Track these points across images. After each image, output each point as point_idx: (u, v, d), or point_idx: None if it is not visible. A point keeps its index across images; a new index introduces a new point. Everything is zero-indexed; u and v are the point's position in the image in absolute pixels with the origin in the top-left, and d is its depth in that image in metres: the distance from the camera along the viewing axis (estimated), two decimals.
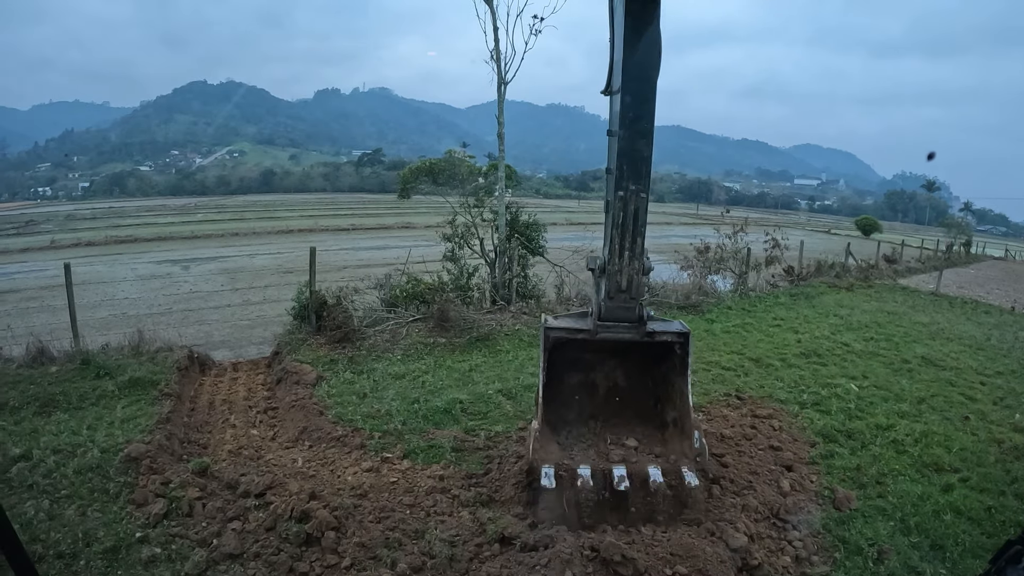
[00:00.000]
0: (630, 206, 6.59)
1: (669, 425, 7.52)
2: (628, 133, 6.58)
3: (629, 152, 6.61)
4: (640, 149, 6.60)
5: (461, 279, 15.49)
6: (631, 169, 6.61)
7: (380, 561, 5.69)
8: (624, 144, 6.60)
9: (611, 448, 7.39)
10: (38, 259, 37.38)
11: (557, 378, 7.52)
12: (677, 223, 67.60)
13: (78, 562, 5.74)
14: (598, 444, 7.50)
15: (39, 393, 10.00)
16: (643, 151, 6.61)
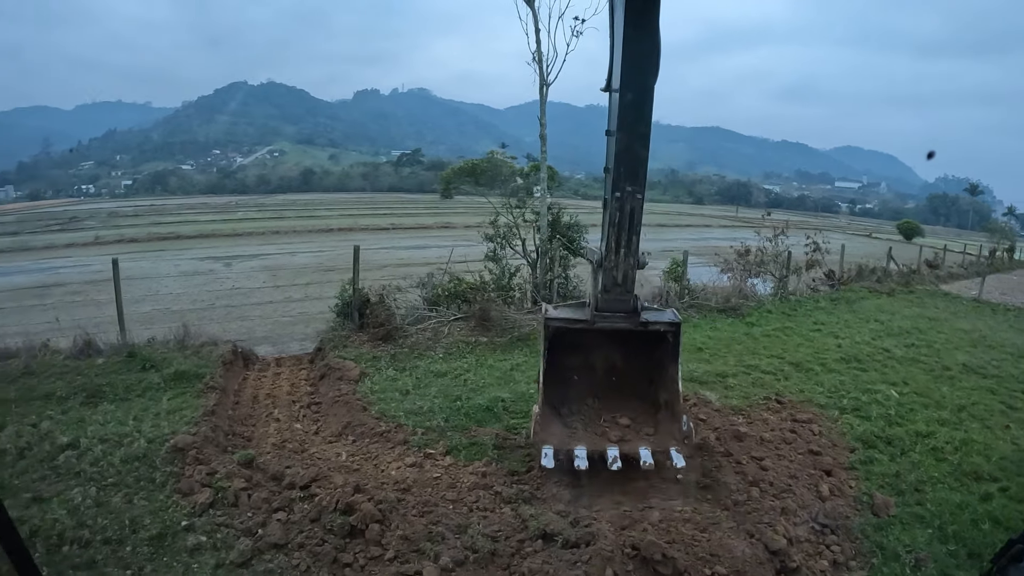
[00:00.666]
0: (626, 206, 7.05)
1: (661, 406, 8.08)
2: (625, 136, 6.94)
3: (626, 155, 6.99)
4: (637, 152, 6.97)
5: (503, 279, 15.58)
6: (628, 171, 7.00)
7: (423, 554, 5.78)
8: (621, 147, 6.99)
9: (606, 427, 7.99)
10: (82, 255, 38.09)
11: (557, 363, 7.92)
12: (716, 225, 67.26)
13: (124, 548, 5.90)
14: (595, 421, 8.08)
15: (86, 384, 10.26)
16: (640, 154, 6.98)
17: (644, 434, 7.87)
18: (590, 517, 6.38)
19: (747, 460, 7.91)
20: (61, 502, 6.60)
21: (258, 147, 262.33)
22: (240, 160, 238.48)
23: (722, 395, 10.34)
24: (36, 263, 34.84)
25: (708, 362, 12.14)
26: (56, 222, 70.27)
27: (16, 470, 7.35)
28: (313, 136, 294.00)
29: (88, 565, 5.63)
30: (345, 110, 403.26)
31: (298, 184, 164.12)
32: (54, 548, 5.82)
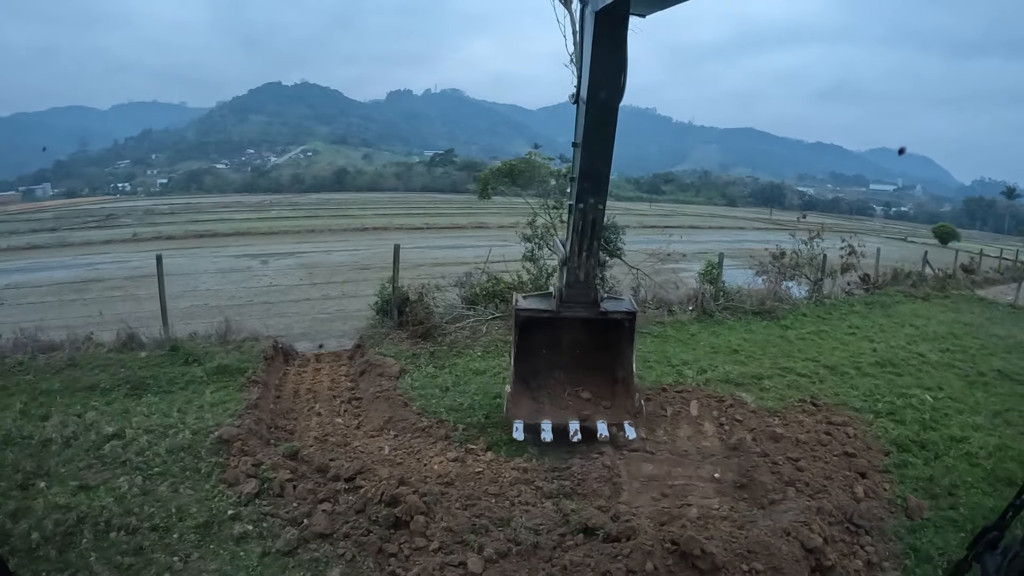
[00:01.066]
0: (589, 216, 7.98)
1: (618, 382, 9.09)
2: (589, 153, 7.71)
3: (590, 170, 7.80)
4: (600, 168, 7.80)
5: (540, 279, 15.69)
6: (591, 185, 7.87)
7: (467, 545, 5.94)
8: (585, 163, 7.76)
9: (570, 400, 9.08)
10: (120, 251, 38.75)
11: (527, 347, 8.90)
12: (750, 228, 66.90)
13: (171, 535, 6.11)
14: (560, 394, 9.17)
15: (129, 376, 10.56)
16: (602, 169, 7.82)
17: (602, 407, 8.95)
18: (630, 512, 6.51)
19: (783, 460, 7.98)
20: (108, 490, 6.85)
21: (292, 147, 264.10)
22: (274, 159, 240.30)
23: (757, 396, 10.39)
24: (75, 259, 35.48)
25: (743, 364, 12.19)
26: (93, 219, 71.30)
27: (62, 458, 7.60)
28: (346, 136, 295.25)
29: (135, 551, 5.84)
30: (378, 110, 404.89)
31: (331, 183, 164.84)
32: (102, 534, 6.03)
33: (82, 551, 5.80)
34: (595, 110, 7.41)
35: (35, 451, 7.79)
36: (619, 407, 8.86)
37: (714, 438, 8.89)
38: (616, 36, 6.93)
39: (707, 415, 9.54)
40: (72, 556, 5.73)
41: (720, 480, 7.66)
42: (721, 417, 9.47)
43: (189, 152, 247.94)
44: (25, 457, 7.58)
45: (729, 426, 9.17)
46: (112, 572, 5.54)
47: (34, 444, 7.95)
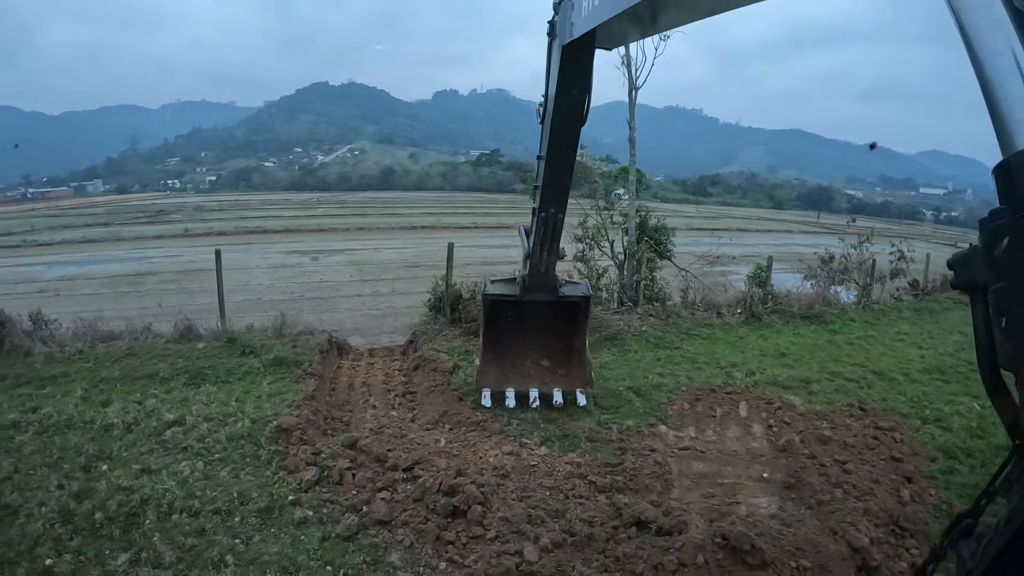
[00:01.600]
0: (550, 223, 8.90)
1: (573, 352, 10.33)
2: (551, 169, 8.42)
3: (552, 182, 8.54)
4: (562, 182, 8.59)
5: (591, 279, 15.81)
6: (552, 196, 8.67)
7: (523, 535, 6.14)
8: (548, 176, 8.49)
9: (532, 369, 10.46)
10: (172, 246, 39.60)
11: (495, 324, 10.34)
12: (797, 231, 66.05)
13: (233, 518, 6.41)
14: (523, 363, 10.54)
15: (188, 366, 10.99)
16: (564, 182, 8.62)
17: (559, 375, 10.31)
18: (681, 508, 6.71)
19: (831, 463, 8.10)
20: (170, 474, 7.21)
21: (339, 145, 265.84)
22: (321, 158, 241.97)
23: (806, 400, 10.46)
24: (128, 252, 36.42)
25: (791, 367, 12.24)
26: (144, 215, 72.81)
27: (124, 443, 8.01)
28: (393, 135, 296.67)
29: (198, 533, 6.14)
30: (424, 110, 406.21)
31: (378, 182, 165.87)
32: (164, 516, 6.37)
33: (145, 531, 6.12)
34: (558, 133, 8.08)
35: (97, 435, 8.21)
36: (574, 376, 10.20)
37: (763, 439, 9.02)
38: (581, 68, 7.45)
39: (756, 416, 9.68)
40: (135, 536, 6.05)
41: (768, 480, 7.80)
42: (770, 419, 9.60)
43: (237, 150, 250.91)
44: (87, 441, 8.00)
45: (777, 428, 9.30)
46: (175, 552, 5.81)
47: (96, 428, 8.37)
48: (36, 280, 26.06)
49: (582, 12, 6.22)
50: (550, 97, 7.95)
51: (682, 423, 9.43)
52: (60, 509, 6.39)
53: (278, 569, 5.68)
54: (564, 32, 7.09)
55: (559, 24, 7.36)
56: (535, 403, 9.71)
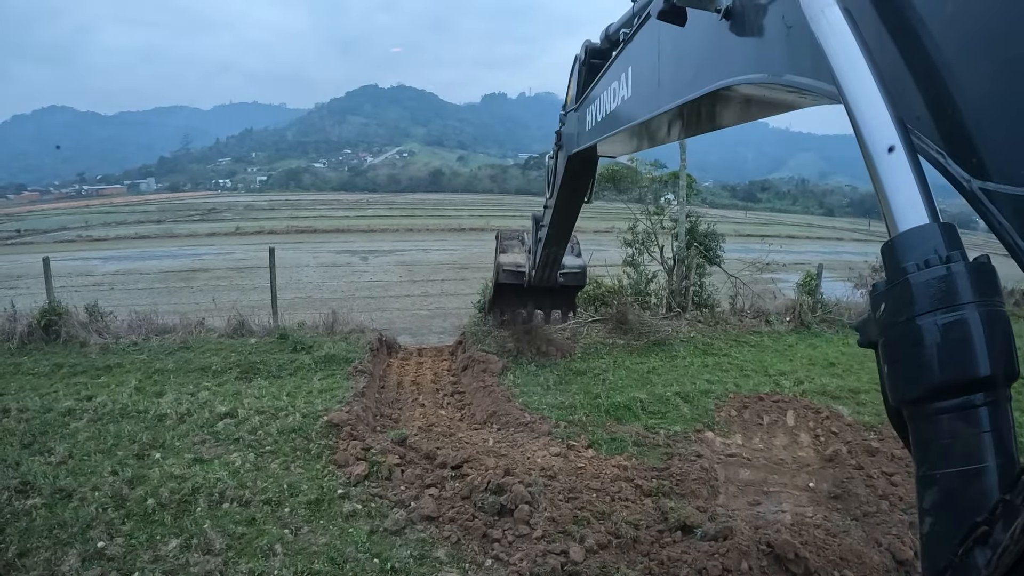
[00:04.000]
0: (551, 255, 10.82)
1: None
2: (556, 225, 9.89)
3: (556, 235, 10.22)
4: (561, 237, 10.41)
5: (640, 284, 15.82)
6: (557, 238, 10.37)
7: (569, 536, 6.20)
8: (553, 228, 10.01)
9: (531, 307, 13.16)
10: (224, 243, 40.35)
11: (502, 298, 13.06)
12: (848, 239, 65.01)
13: (283, 509, 6.57)
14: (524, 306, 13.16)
15: (240, 361, 11.32)
16: (564, 237, 10.50)
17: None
18: (726, 514, 6.73)
19: (878, 474, 8.03)
20: (221, 464, 7.44)
21: (388, 147, 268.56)
22: (371, 160, 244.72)
23: (854, 410, 10.34)
24: (181, 249, 37.18)
25: (840, 377, 12.11)
26: (196, 213, 74.18)
27: (177, 432, 8.29)
28: (442, 138, 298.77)
29: (248, 522, 6.31)
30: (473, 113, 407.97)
31: (427, 184, 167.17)
32: (215, 504, 6.57)
33: (196, 518, 6.31)
34: (562, 210, 9.49)
35: (150, 424, 8.52)
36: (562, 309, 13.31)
37: (810, 448, 8.98)
38: (585, 173, 8.64)
39: (803, 426, 9.63)
40: (187, 522, 6.23)
41: (815, 490, 7.78)
42: (817, 428, 9.53)
43: (288, 151, 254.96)
44: (141, 430, 8.29)
45: (825, 438, 9.23)
46: (225, 540, 5.98)
47: (149, 418, 8.68)
48: (91, 273, 26.64)
49: (586, 127, 6.56)
50: (556, 187, 9.13)
51: (729, 430, 9.41)
52: (113, 494, 6.62)
53: (326, 560, 5.79)
54: (570, 143, 7.66)
55: (564, 135, 8.04)
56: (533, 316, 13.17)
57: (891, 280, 1.38)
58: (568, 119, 7.66)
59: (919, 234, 1.39)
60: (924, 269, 1.32)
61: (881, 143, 1.53)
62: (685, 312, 15.40)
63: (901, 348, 1.34)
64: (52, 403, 9.22)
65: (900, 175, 1.50)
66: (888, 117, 1.53)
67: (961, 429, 1.24)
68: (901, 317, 1.33)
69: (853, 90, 1.63)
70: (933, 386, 1.25)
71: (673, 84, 3.64)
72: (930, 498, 1.28)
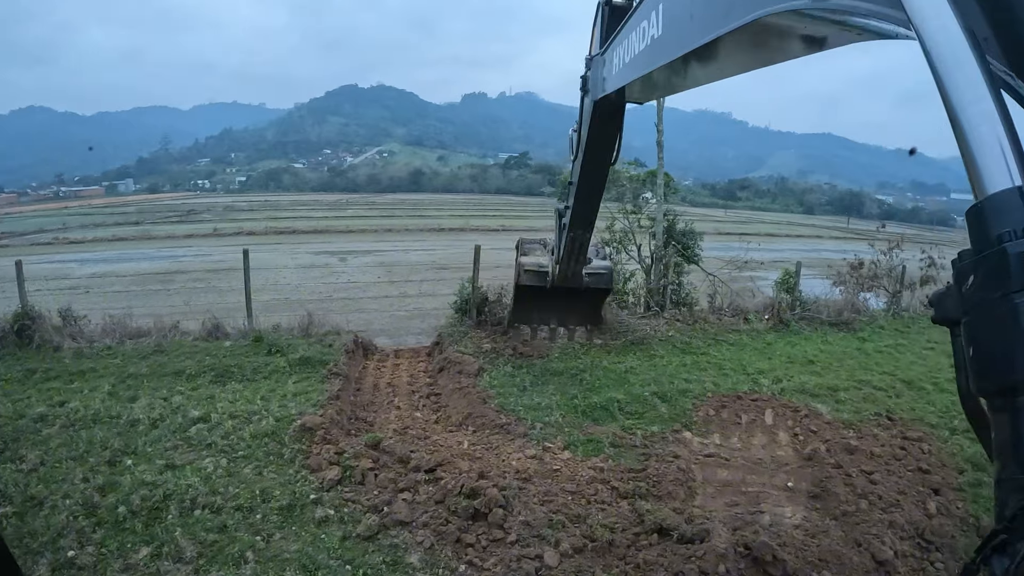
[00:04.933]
0: (578, 241, 10.11)
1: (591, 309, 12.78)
2: (581, 201, 9.33)
3: (581, 211, 9.56)
4: (589, 212, 9.65)
5: (618, 283, 15.77)
6: (582, 222, 9.77)
7: (544, 539, 6.16)
8: (578, 205, 9.41)
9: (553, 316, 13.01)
10: (202, 245, 39.99)
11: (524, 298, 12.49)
12: (827, 237, 65.43)
13: (255, 515, 6.50)
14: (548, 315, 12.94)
15: (214, 364, 11.19)
16: (590, 214, 9.72)
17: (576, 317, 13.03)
18: (704, 516, 6.67)
19: (857, 473, 8.00)
20: (194, 470, 7.34)
21: (368, 147, 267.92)
22: (350, 160, 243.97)
23: (833, 408, 10.35)
24: (158, 251, 36.86)
25: (819, 375, 12.12)
26: (175, 214, 73.66)
27: (149, 438, 8.15)
28: (422, 138, 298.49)
29: (220, 529, 6.23)
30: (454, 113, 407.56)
31: (407, 184, 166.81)
32: (187, 511, 6.48)
33: (167, 526, 6.22)
34: (589, 173, 8.92)
35: (123, 430, 8.37)
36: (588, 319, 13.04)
37: (788, 447, 8.96)
38: (612, 121, 7.99)
39: (782, 424, 9.61)
40: (158, 530, 6.15)
41: (793, 489, 7.75)
42: (796, 427, 9.53)
43: (268, 151, 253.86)
44: (113, 435, 8.16)
45: (804, 436, 9.22)
46: (196, 547, 5.90)
47: (122, 423, 8.54)
48: (68, 276, 26.33)
49: (613, 70, 6.35)
50: (582, 142, 8.49)
51: (707, 430, 9.39)
52: (84, 502, 6.52)
53: (298, 567, 5.74)
54: (596, 88, 7.39)
55: (591, 80, 7.69)
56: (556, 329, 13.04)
57: (981, 249, 1.23)
58: (594, 64, 7.49)
59: (1015, 197, 1.21)
60: None
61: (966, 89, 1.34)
62: (663, 311, 15.38)
63: (992, 328, 1.19)
64: (24, 409, 9.09)
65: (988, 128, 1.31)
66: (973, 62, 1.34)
67: None
68: (994, 293, 1.17)
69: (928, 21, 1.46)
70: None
71: (706, 18, 3.54)
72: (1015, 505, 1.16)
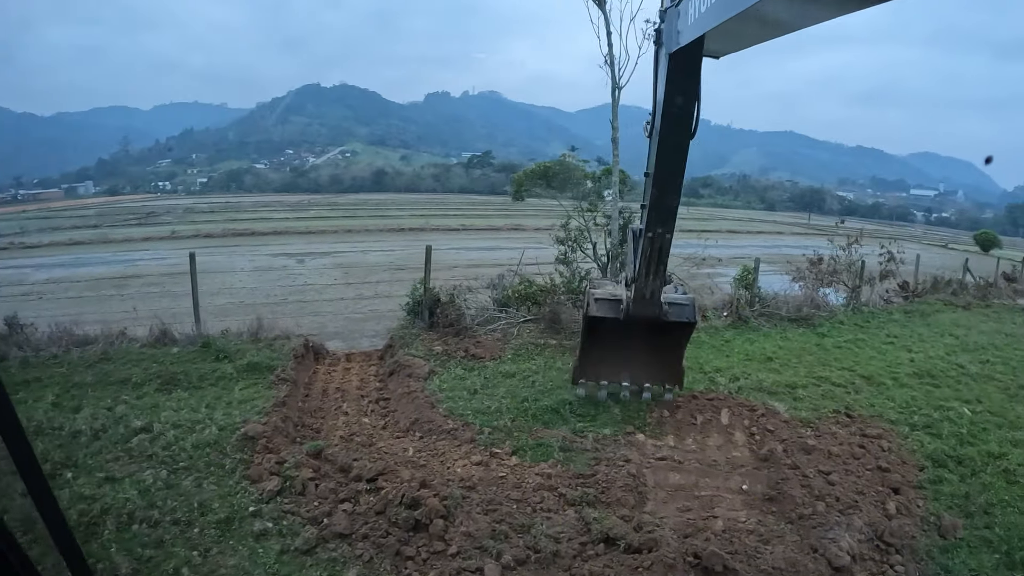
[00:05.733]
0: (656, 244, 8.40)
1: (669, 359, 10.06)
2: (659, 186, 8.06)
3: (659, 204, 8.15)
4: (669, 202, 8.16)
5: (573, 282, 15.60)
6: (660, 217, 8.23)
7: (486, 551, 5.92)
8: (655, 194, 8.12)
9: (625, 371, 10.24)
10: (159, 248, 39.32)
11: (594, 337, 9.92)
12: (788, 233, 66.07)
13: (192, 529, 6.22)
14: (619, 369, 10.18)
15: (161, 371, 10.77)
16: (671, 204, 8.19)
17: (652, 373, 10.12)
18: (654, 523, 6.44)
19: (814, 473, 7.85)
20: (133, 483, 6.99)
21: (331, 147, 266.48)
22: (313, 160, 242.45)
23: (791, 406, 10.22)
24: (115, 255, 36.06)
25: (777, 372, 12.02)
26: (134, 216, 72.55)
27: (91, 450, 7.78)
28: (385, 137, 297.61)
29: (156, 544, 5.93)
30: (417, 112, 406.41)
31: (370, 184, 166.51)
32: (124, 526, 6.16)
33: (104, 542, 5.92)
34: (666, 149, 7.74)
35: (65, 442, 7.98)
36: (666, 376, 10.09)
37: (744, 448, 8.78)
38: (688, 77, 7.15)
39: (738, 424, 9.43)
40: (94, 547, 5.82)
41: (748, 492, 7.57)
42: (752, 427, 9.35)
43: (229, 152, 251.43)
44: (54, 448, 7.77)
45: (760, 436, 9.05)
46: (131, 563, 5.62)
47: (64, 435, 8.15)
48: (21, 283, 25.73)
49: (688, 20, 6.00)
50: (658, 106, 7.75)
51: (661, 431, 9.16)
52: (23, 517, 6.13)
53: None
54: (671, 40, 6.91)
55: (665, 32, 7.23)
56: (625, 395, 10.03)
57: None
58: (668, 16, 7.06)
59: None
60: None
61: None
62: None
63: None
64: None
65: None
66: None
67: None
68: None
69: None
70: None
71: None
72: None
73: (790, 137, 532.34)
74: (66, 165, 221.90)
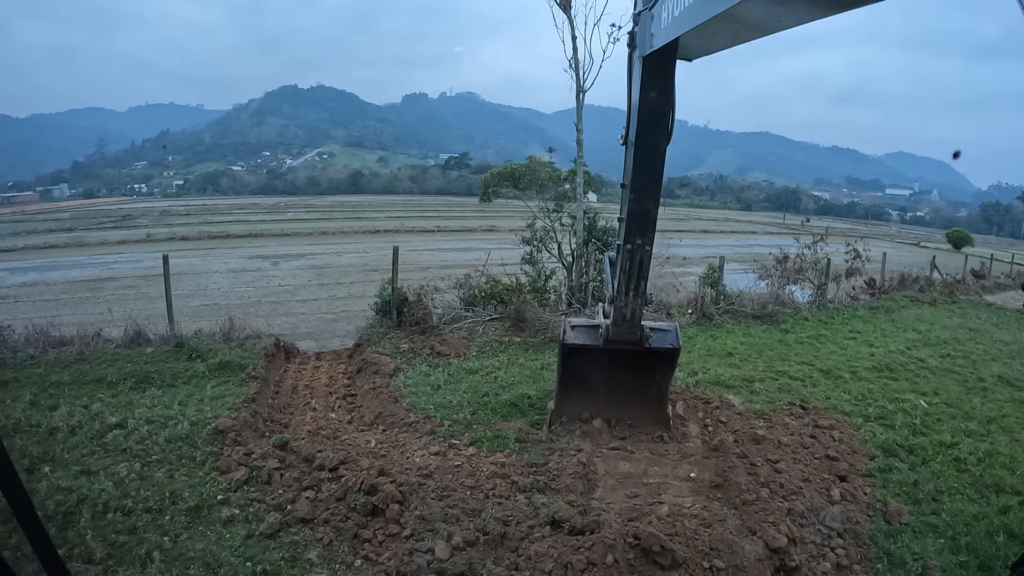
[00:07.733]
0: (636, 256, 7.96)
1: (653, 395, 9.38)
2: (637, 195, 7.75)
3: (638, 212, 7.83)
4: (648, 210, 7.82)
5: (538, 281, 15.78)
6: (639, 226, 7.87)
7: (437, 533, 6.17)
8: (634, 205, 7.82)
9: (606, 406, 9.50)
10: (135, 251, 39.21)
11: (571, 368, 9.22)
12: (762, 232, 66.55)
13: (164, 517, 6.44)
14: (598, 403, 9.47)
15: (135, 371, 10.93)
16: (650, 212, 7.84)
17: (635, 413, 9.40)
18: (600, 508, 6.67)
19: (762, 462, 8.07)
20: (108, 475, 7.18)
21: (308, 149, 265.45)
22: (290, 162, 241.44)
23: (747, 399, 10.46)
24: (90, 258, 35.96)
25: (736, 367, 12.26)
26: (110, 219, 71.92)
27: (67, 445, 7.95)
28: (362, 139, 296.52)
29: (129, 531, 6.17)
30: (394, 113, 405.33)
31: (347, 186, 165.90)
32: (99, 515, 6.37)
33: (80, 530, 6.12)
34: (642, 153, 7.56)
35: (42, 438, 8.15)
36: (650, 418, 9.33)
37: (697, 439, 9.00)
38: (664, 80, 7.10)
39: (692, 416, 9.67)
40: (70, 534, 6.05)
41: (696, 480, 7.78)
42: (706, 419, 9.60)
43: (206, 154, 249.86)
44: (32, 444, 7.94)
45: (713, 427, 9.30)
46: (105, 549, 5.85)
47: (41, 432, 8.31)
48: None
49: (662, 23, 6.00)
50: (632, 110, 7.61)
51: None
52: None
53: (201, 565, 5.77)
54: (644, 43, 6.89)
55: (639, 35, 7.17)
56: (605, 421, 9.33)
57: None
58: (642, 19, 6.97)
59: None
60: None
61: None
62: (585, 308, 15.38)
63: None
64: None
65: None
66: None
67: None
68: None
69: None
70: None
71: None
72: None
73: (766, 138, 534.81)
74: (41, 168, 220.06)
